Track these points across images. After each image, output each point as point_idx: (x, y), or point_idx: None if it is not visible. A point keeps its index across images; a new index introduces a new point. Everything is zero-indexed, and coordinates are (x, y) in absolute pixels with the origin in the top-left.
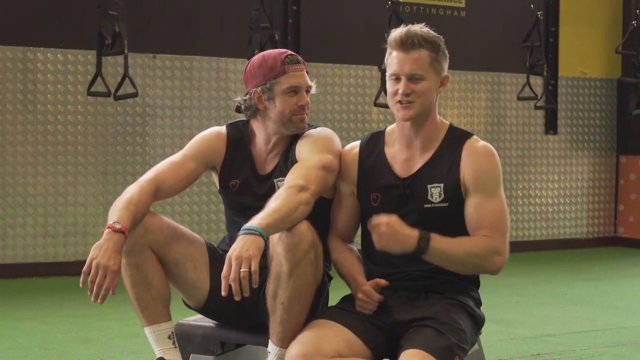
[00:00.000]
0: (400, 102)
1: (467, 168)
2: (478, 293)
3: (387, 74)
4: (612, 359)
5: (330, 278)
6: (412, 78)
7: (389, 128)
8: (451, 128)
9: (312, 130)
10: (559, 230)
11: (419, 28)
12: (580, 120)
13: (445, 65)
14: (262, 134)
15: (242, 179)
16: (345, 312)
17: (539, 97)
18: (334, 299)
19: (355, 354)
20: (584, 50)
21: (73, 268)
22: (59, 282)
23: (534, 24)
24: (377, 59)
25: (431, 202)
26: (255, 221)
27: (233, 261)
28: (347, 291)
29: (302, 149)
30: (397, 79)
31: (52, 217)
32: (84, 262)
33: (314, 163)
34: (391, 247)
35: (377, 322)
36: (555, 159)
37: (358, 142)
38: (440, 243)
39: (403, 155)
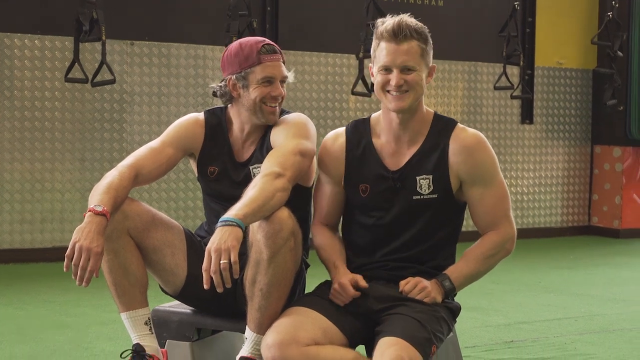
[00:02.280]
0: (390, 92)
1: (461, 160)
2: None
3: (377, 65)
4: (585, 346)
5: (307, 266)
6: (405, 69)
7: (374, 116)
8: (436, 117)
9: (286, 117)
10: (534, 219)
11: (409, 19)
12: (556, 110)
13: (431, 56)
14: (238, 121)
15: (220, 166)
16: (322, 300)
17: (515, 87)
18: (310, 287)
19: (332, 341)
20: (560, 41)
21: (50, 254)
22: (35, 268)
23: (511, 14)
24: (354, 47)
25: (420, 194)
26: (233, 212)
27: (212, 254)
28: (324, 279)
29: (277, 136)
30: (388, 70)
31: (29, 203)
32: (61, 248)
33: (290, 149)
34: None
35: (353, 310)
36: (530, 149)
37: (342, 130)
38: (458, 272)
39: (391, 148)
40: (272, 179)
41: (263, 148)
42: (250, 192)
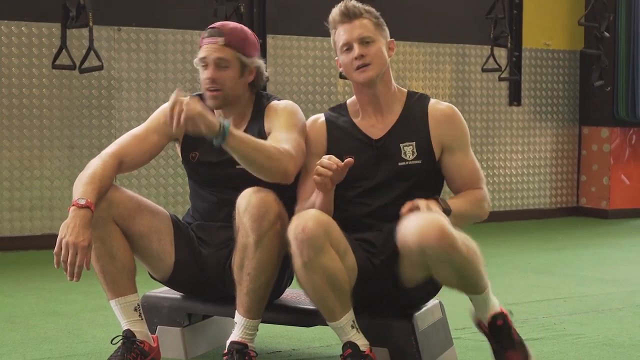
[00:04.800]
0: (357, 68)
1: (440, 128)
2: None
3: (339, 49)
4: (574, 327)
5: None
6: (363, 41)
7: (349, 101)
8: (410, 92)
9: (277, 104)
10: (523, 201)
11: (354, 2)
12: (544, 91)
13: (387, 33)
14: None
15: (202, 150)
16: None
17: (503, 69)
18: None
19: (347, 267)
20: (548, 22)
21: (39, 242)
22: (25, 255)
23: None
24: None
25: (405, 160)
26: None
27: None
28: None
29: (273, 123)
30: (349, 48)
31: (18, 190)
32: (51, 235)
33: (297, 147)
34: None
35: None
36: (518, 130)
37: (322, 114)
38: (455, 205)
39: (370, 121)
40: (286, 156)
41: (250, 133)
42: (263, 141)
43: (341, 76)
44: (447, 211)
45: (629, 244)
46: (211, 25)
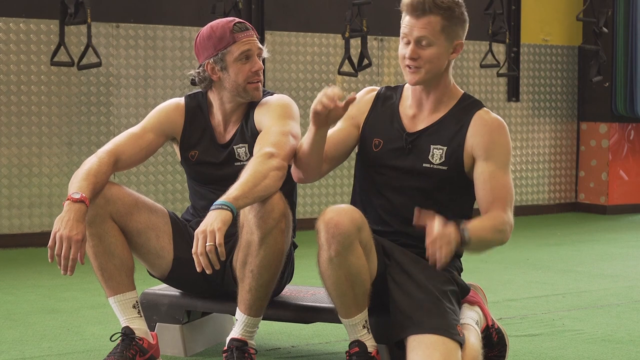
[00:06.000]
0: (408, 66)
1: (478, 137)
2: (460, 261)
3: (400, 34)
4: (572, 322)
5: (296, 246)
6: (420, 43)
7: (407, 85)
8: (465, 95)
9: (269, 99)
10: (521, 197)
11: None
12: (542, 87)
13: (461, 32)
14: (218, 103)
15: (201, 149)
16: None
17: (501, 65)
18: (299, 268)
19: (370, 267)
20: (546, 18)
21: (38, 239)
22: (24, 253)
23: None
24: (341, 27)
25: (430, 163)
26: (224, 196)
27: (199, 236)
28: (313, 263)
29: (263, 118)
30: (407, 42)
31: (17, 188)
32: (49, 233)
33: (280, 130)
34: (447, 253)
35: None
36: (517, 126)
37: (377, 88)
38: (474, 230)
39: (412, 112)
40: (265, 159)
41: (247, 128)
42: (243, 175)
43: (339, 72)
44: (463, 242)
45: (627, 239)
46: (232, 21)
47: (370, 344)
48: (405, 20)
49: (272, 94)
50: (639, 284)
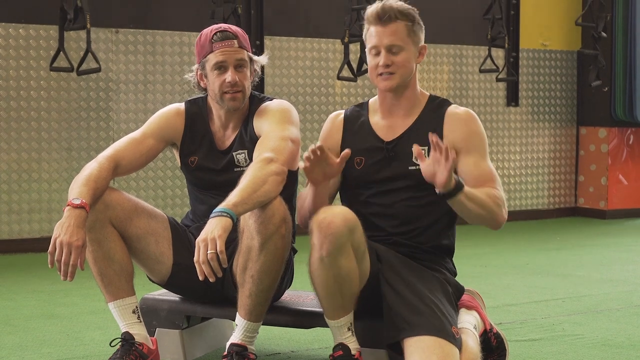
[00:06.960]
0: (381, 74)
1: (457, 132)
2: (453, 264)
3: (367, 48)
4: (572, 327)
5: (295, 251)
6: (391, 50)
7: (372, 99)
8: (432, 97)
9: (269, 104)
10: (521, 202)
11: (394, 2)
12: (541, 92)
13: (422, 36)
14: (214, 109)
15: (201, 155)
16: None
17: (500, 70)
18: (298, 273)
19: (361, 270)
20: (545, 23)
21: (38, 244)
22: (23, 258)
23: None
24: (340, 32)
25: (415, 164)
26: (224, 202)
27: (200, 244)
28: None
29: (263, 124)
30: (377, 52)
31: (16, 193)
32: (49, 238)
33: (279, 135)
34: (439, 177)
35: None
36: (516, 131)
37: (344, 110)
38: (469, 189)
39: (386, 122)
40: (264, 164)
41: (246, 134)
42: (242, 181)
43: (339, 78)
44: (459, 184)
45: (627, 243)
46: (216, 29)
47: (354, 346)
48: (372, 31)
49: (271, 99)
50: (638, 289)
